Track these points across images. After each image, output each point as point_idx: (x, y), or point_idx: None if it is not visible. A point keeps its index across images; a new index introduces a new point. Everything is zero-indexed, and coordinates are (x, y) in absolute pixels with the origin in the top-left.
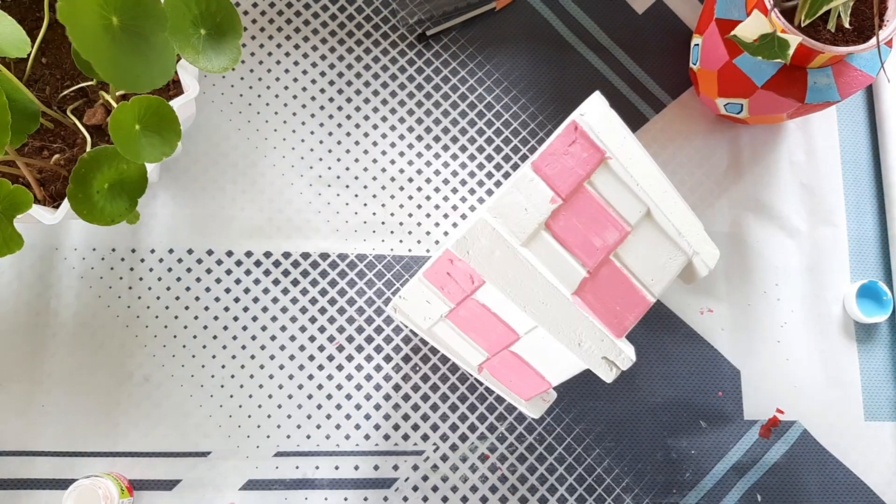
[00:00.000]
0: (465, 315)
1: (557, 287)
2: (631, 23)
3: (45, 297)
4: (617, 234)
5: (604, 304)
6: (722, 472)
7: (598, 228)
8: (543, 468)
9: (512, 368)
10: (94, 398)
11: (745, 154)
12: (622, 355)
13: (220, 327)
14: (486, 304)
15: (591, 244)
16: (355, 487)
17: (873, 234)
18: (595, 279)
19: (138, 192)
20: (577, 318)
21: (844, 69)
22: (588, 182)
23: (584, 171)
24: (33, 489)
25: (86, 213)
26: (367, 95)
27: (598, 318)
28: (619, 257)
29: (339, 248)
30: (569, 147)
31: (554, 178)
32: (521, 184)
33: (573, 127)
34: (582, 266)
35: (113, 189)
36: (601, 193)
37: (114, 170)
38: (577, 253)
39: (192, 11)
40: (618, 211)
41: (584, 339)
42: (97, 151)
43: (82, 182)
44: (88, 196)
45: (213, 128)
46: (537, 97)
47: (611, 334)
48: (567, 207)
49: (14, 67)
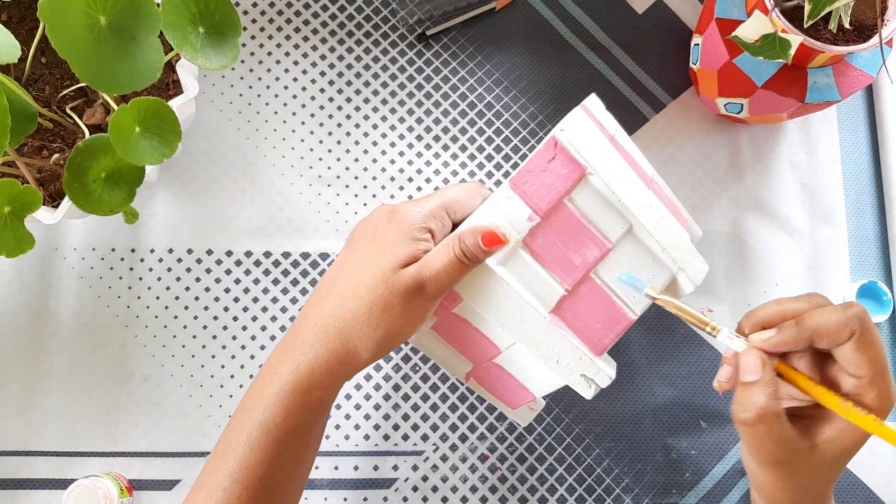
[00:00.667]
0: (448, 328)
1: (534, 306)
2: (631, 23)
3: (45, 296)
4: (597, 250)
5: (582, 321)
6: (722, 472)
7: (577, 246)
8: (543, 468)
9: (497, 379)
10: (93, 398)
11: (745, 154)
12: (601, 373)
13: (219, 327)
14: (466, 318)
15: (570, 262)
16: (355, 488)
17: (873, 234)
18: (574, 297)
19: (136, 182)
20: (554, 336)
21: (845, 69)
22: (568, 198)
23: (563, 187)
24: (33, 489)
25: (83, 203)
26: (367, 95)
27: (577, 335)
28: (599, 274)
29: (338, 248)
30: (548, 163)
31: (532, 196)
32: (500, 202)
33: (553, 143)
34: (560, 284)
35: (110, 178)
36: (581, 210)
37: (110, 159)
38: (556, 271)
39: (191, 9)
40: (598, 227)
41: (562, 357)
42: (92, 140)
43: (78, 171)
44: (85, 185)
45: (212, 127)
46: (537, 97)
47: (589, 352)
48: (545, 225)
49: (13, 67)
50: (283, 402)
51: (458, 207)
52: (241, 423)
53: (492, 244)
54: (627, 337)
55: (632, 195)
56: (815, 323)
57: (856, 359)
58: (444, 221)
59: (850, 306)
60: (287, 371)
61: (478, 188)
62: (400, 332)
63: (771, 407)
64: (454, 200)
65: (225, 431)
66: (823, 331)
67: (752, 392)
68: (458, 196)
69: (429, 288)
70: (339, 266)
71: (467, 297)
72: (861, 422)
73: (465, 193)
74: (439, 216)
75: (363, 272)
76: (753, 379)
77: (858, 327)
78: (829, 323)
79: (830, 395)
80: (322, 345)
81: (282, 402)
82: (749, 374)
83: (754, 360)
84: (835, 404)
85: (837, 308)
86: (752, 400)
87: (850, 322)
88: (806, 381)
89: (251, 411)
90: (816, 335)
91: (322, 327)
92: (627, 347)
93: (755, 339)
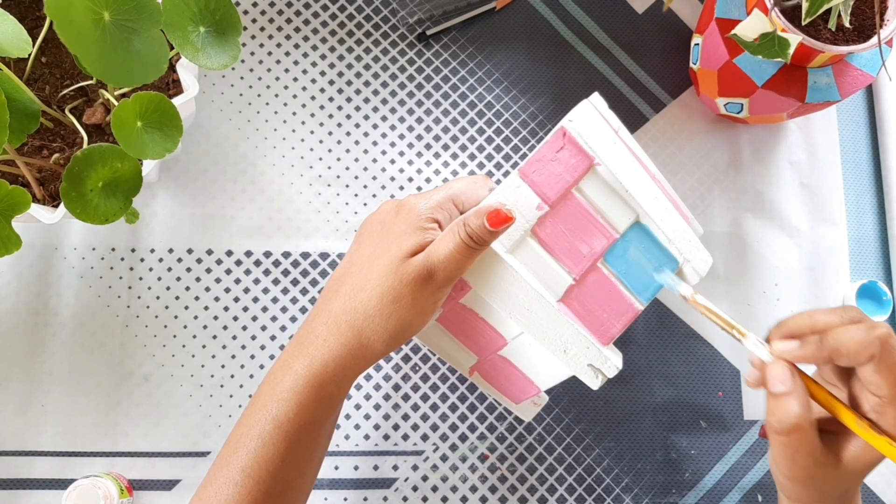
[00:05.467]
0: (454, 319)
1: (543, 294)
2: (631, 22)
3: (45, 296)
4: (605, 240)
5: (590, 311)
6: (722, 472)
7: (585, 235)
8: (543, 468)
9: (501, 372)
10: (93, 398)
11: (745, 154)
12: (608, 363)
13: (219, 327)
14: (473, 308)
15: (577, 251)
16: (355, 487)
17: (873, 234)
18: (582, 286)
19: (133, 191)
20: (562, 325)
21: (845, 69)
22: (576, 188)
23: (571, 177)
24: (32, 489)
25: (79, 212)
26: (367, 95)
27: (585, 325)
28: (606, 264)
29: (339, 248)
30: (557, 153)
31: (541, 185)
32: (508, 191)
33: (561, 133)
34: (568, 273)
35: (107, 188)
36: (589, 200)
37: (108, 168)
38: (564, 260)
39: (191, 9)
40: (606, 217)
41: (570, 346)
42: (91, 150)
43: (76, 180)
44: (82, 194)
45: (212, 127)
46: (537, 97)
47: (597, 342)
48: (554, 214)
49: (14, 66)
50: (297, 397)
51: (465, 199)
52: (253, 417)
53: (498, 224)
54: (627, 336)
55: (638, 186)
56: (837, 342)
57: (876, 379)
58: (452, 212)
59: (875, 327)
60: (301, 366)
61: (485, 180)
62: (411, 323)
63: (805, 416)
64: (461, 192)
65: (236, 426)
66: (843, 351)
67: (787, 403)
68: (465, 188)
69: (438, 275)
70: (348, 261)
71: (476, 286)
72: (875, 441)
73: (473, 185)
74: (446, 207)
75: (372, 265)
76: (784, 390)
77: (879, 350)
78: (850, 343)
79: (847, 412)
80: (335, 339)
81: (295, 396)
82: (779, 385)
83: (783, 370)
84: (851, 422)
85: (862, 328)
86: (787, 410)
87: (871, 345)
88: (825, 396)
89: (264, 406)
90: (836, 354)
91: (334, 321)
92: (627, 347)
93: (776, 348)
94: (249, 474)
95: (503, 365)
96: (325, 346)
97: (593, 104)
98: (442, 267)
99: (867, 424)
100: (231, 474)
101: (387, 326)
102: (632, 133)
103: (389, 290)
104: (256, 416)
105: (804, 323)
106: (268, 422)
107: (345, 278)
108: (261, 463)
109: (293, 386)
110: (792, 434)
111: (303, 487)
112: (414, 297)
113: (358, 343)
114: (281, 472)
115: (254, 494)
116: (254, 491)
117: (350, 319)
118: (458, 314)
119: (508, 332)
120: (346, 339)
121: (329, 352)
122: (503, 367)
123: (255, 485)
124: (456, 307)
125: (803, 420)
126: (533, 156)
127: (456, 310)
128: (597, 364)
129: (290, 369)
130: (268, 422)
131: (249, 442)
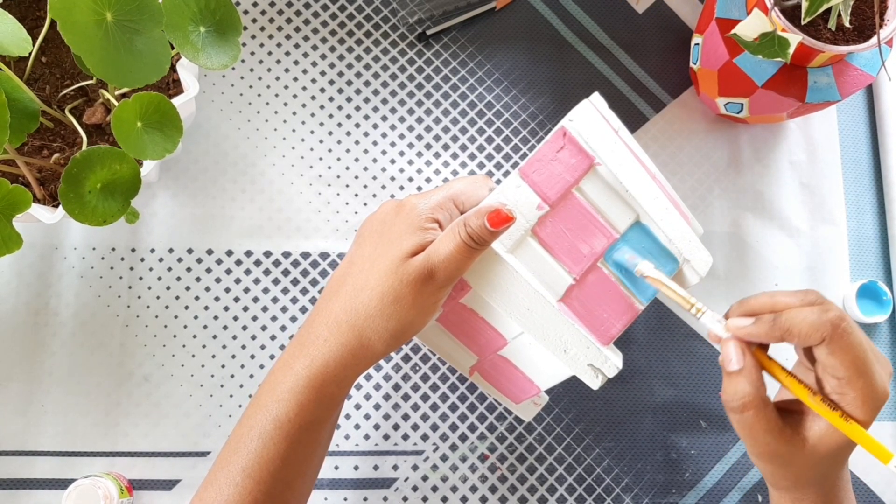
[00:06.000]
0: (455, 319)
1: (543, 294)
2: (631, 22)
3: (45, 296)
4: (605, 240)
5: (590, 311)
6: (722, 471)
7: (585, 235)
8: (543, 468)
9: (502, 372)
10: (93, 398)
11: (745, 153)
12: (608, 363)
13: (219, 327)
14: (474, 308)
15: (578, 251)
16: (355, 487)
17: (873, 234)
18: (582, 286)
19: (131, 193)
20: (562, 324)
21: (845, 68)
22: (576, 188)
23: (572, 177)
24: (33, 489)
25: (77, 213)
26: (367, 95)
27: (585, 325)
28: (606, 264)
29: (339, 248)
30: (557, 153)
31: (541, 184)
32: (508, 191)
33: (562, 133)
34: (568, 273)
35: (105, 189)
36: (589, 199)
37: (107, 170)
38: (564, 259)
39: (192, 9)
40: (606, 217)
41: (570, 346)
42: (90, 151)
43: (74, 182)
44: (80, 196)
45: (212, 127)
46: (537, 97)
47: (597, 342)
48: (554, 214)
49: (14, 66)
50: (297, 397)
51: (465, 199)
52: (253, 417)
53: (498, 224)
54: (627, 336)
55: (638, 186)
56: (790, 322)
57: (831, 362)
58: (452, 212)
59: (829, 310)
60: (301, 366)
61: (485, 180)
62: (412, 323)
63: (756, 394)
64: (461, 192)
65: (236, 426)
66: (795, 331)
67: (737, 381)
68: (465, 188)
69: (438, 275)
70: (348, 261)
71: (476, 286)
72: (828, 416)
73: (473, 185)
74: (447, 207)
75: (372, 265)
76: (736, 368)
77: (829, 332)
78: (801, 325)
79: (801, 387)
80: (336, 339)
81: (296, 396)
82: (731, 364)
83: (735, 349)
84: (804, 395)
85: (815, 310)
86: (737, 388)
87: (822, 327)
88: (780, 371)
89: (264, 406)
90: (788, 334)
91: (335, 322)
92: (627, 347)
93: (730, 325)
94: (250, 474)
95: (503, 365)
96: (325, 346)
97: (593, 104)
98: (442, 267)
99: (820, 398)
100: (231, 474)
101: (387, 326)
102: (632, 133)
103: (390, 291)
104: (257, 417)
105: (764, 302)
106: (268, 422)
107: (345, 278)
108: (261, 463)
109: (294, 386)
110: (745, 412)
111: (303, 487)
112: (414, 297)
113: (358, 343)
114: (281, 473)
115: (254, 495)
116: (254, 491)
117: (350, 319)
118: (458, 314)
119: (508, 332)
120: (347, 340)
121: (329, 352)
122: (503, 367)
123: (255, 485)
124: (456, 307)
125: (754, 398)
126: (533, 156)
127: (456, 310)
128: (597, 364)
129: (290, 369)
130: (268, 422)
131: (250, 442)
